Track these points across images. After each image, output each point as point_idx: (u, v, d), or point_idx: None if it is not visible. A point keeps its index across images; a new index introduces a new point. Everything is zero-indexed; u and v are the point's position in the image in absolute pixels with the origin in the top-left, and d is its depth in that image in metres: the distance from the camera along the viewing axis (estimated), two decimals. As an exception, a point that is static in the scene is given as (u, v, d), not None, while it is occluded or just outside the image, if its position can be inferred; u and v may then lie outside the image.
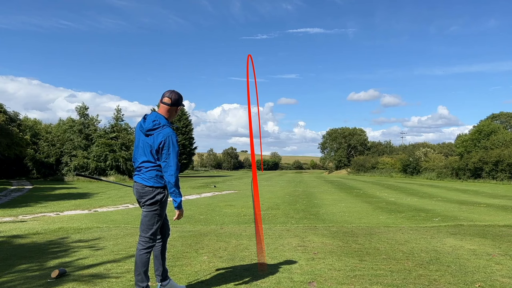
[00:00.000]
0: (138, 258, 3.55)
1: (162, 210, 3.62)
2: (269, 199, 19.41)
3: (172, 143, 3.48)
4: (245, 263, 4.92)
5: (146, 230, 3.56)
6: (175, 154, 3.48)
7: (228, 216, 12.54)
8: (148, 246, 3.57)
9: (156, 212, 3.57)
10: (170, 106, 3.65)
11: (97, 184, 35.40)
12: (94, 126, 43.04)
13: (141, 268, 3.54)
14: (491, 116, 68.04)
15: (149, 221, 3.56)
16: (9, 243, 6.89)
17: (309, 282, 4.08)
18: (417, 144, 71.55)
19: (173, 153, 3.48)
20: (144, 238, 3.56)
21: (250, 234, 7.28)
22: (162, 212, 3.61)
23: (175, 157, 3.48)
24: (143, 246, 3.55)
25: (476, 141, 50.02)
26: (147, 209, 3.56)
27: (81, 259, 5.24)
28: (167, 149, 3.47)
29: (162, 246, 3.82)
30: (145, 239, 3.56)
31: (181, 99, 3.72)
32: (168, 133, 3.50)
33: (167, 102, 3.64)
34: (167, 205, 3.69)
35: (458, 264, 4.85)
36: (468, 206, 16.19)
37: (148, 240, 3.56)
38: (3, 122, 33.44)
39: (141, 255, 3.54)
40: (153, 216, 3.56)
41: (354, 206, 16.24)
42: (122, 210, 15.31)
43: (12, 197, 21.50)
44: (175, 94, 3.69)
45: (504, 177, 40.70)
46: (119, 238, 7.02)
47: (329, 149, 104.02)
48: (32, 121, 48.26)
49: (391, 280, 4.17)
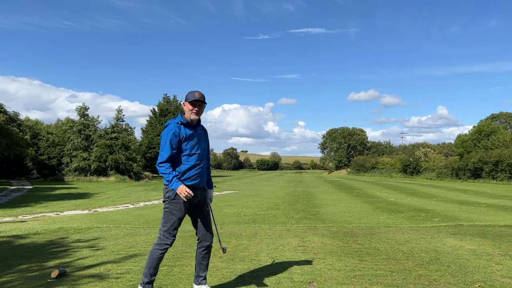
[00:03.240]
0: (150, 253, 3.60)
1: (173, 208, 3.57)
2: (269, 199, 19.42)
3: (161, 138, 3.60)
4: (245, 263, 4.92)
5: (161, 227, 3.64)
6: (161, 147, 3.58)
7: (228, 216, 12.53)
8: (160, 243, 3.57)
9: (167, 209, 3.59)
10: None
11: (97, 184, 35.41)
12: (94, 127, 43.03)
13: (149, 263, 3.57)
14: (491, 116, 67.98)
15: (163, 218, 3.62)
16: (9, 243, 6.89)
17: (309, 282, 4.08)
18: (417, 144, 71.57)
19: (161, 146, 3.60)
20: (160, 234, 3.62)
21: (250, 234, 7.28)
22: (173, 210, 3.56)
23: (161, 149, 3.57)
24: (157, 241, 3.61)
25: (476, 141, 49.99)
26: (163, 205, 3.67)
27: (81, 259, 5.24)
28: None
29: (199, 251, 3.77)
30: (160, 235, 3.61)
31: (187, 95, 3.68)
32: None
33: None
34: (188, 206, 3.60)
35: (458, 264, 4.85)
36: (468, 206, 16.19)
37: (161, 237, 3.59)
38: (3, 122, 33.45)
39: (152, 250, 3.60)
40: (165, 212, 3.60)
41: (354, 206, 16.24)
42: (122, 210, 15.31)
43: (12, 197, 21.50)
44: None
45: (504, 177, 40.69)
46: (119, 238, 7.02)
47: (329, 149, 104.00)
48: (33, 122, 48.25)
49: (391, 280, 4.17)
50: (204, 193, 3.76)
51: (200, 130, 3.75)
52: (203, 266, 3.79)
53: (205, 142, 3.80)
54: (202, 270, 3.78)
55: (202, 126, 3.83)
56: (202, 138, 3.74)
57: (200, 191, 3.70)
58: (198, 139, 3.67)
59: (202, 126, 3.82)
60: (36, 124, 47.89)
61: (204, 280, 3.78)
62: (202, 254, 3.77)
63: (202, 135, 3.74)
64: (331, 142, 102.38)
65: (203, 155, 3.71)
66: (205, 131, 3.86)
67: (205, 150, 3.78)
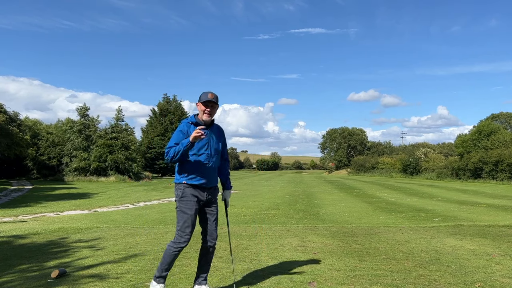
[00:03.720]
0: (166, 248, 3.66)
1: (184, 206, 3.60)
2: (269, 199, 19.42)
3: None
4: (245, 263, 4.92)
5: (176, 226, 3.68)
6: (170, 141, 3.65)
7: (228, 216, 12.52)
8: (175, 242, 3.60)
9: (178, 208, 3.63)
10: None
11: (97, 184, 35.42)
12: (94, 127, 43.03)
13: (163, 258, 3.63)
14: (491, 116, 68.00)
15: (177, 218, 3.66)
16: (9, 243, 6.89)
17: (309, 282, 4.08)
18: (417, 144, 71.53)
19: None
20: (176, 233, 3.67)
21: (250, 234, 7.28)
22: (183, 208, 3.60)
23: (168, 144, 3.63)
24: (173, 239, 3.65)
25: (476, 141, 50.00)
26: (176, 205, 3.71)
27: (81, 259, 5.24)
28: None
29: (202, 252, 3.78)
30: (175, 234, 3.66)
31: (201, 96, 3.70)
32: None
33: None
34: (199, 204, 3.63)
35: (458, 264, 4.85)
36: (468, 206, 16.19)
37: (176, 236, 3.62)
38: (3, 122, 33.44)
39: (168, 246, 3.64)
40: (177, 212, 3.65)
41: (354, 206, 16.24)
42: (122, 210, 15.31)
43: (12, 197, 21.50)
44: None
45: (504, 177, 40.69)
46: (119, 238, 7.02)
47: (329, 149, 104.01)
48: (32, 121, 48.24)
49: (391, 280, 4.17)
50: (214, 193, 3.77)
51: (214, 131, 3.76)
52: (205, 267, 3.79)
53: (220, 142, 3.80)
54: (203, 271, 3.79)
55: (218, 126, 3.84)
56: (215, 138, 3.75)
57: (209, 191, 3.70)
58: (210, 139, 3.68)
59: (218, 126, 3.84)
60: (35, 123, 47.88)
61: (205, 281, 3.79)
62: (205, 255, 3.77)
63: (215, 136, 3.75)
64: (331, 142, 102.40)
65: (215, 155, 3.71)
66: (221, 131, 3.87)
67: (218, 150, 3.77)
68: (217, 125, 3.83)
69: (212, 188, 3.75)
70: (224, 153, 3.88)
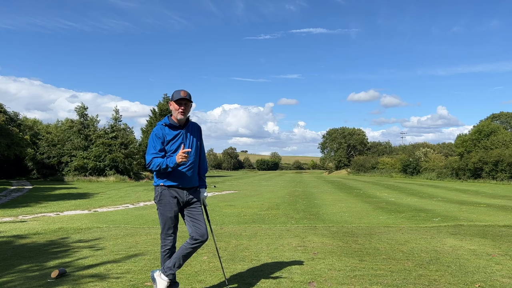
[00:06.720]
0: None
1: (162, 209, 3.58)
2: (269, 199, 19.41)
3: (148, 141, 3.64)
4: (245, 263, 4.92)
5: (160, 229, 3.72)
6: (147, 150, 3.60)
7: (228, 216, 12.53)
8: (162, 245, 3.68)
9: (158, 211, 3.62)
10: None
11: (97, 184, 35.41)
12: (93, 127, 43.03)
13: (161, 262, 3.72)
14: (491, 116, 68.04)
15: (159, 220, 3.69)
16: (9, 243, 6.89)
17: (309, 282, 4.08)
18: (417, 144, 71.47)
19: (147, 149, 3.63)
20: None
21: (250, 234, 7.28)
22: (162, 210, 3.58)
23: (147, 153, 3.57)
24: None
25: (476, 141, 50.02)
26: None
27: (81, 259, 5.24)
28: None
29: (186, 245, 3.58)
30: (160, 237, 3.73)
31: (173, 94, 3.62)
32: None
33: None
34: (178, 206, 3.58)
35: (458, 264, 4.85)
36: (468, 206, 16.19)
37: (161, 239, 3.68)
38: (3, 122, 33.44)
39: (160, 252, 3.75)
40: (158, 215, 3.65)
41: (354, 206, 16.23)
42: (122, 210, 15.31)
43: (12, 197, 21.49)
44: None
45: (504, 177, 40.69)
46: (119, 238, 7.02)
47: (329, 149, 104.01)
48: (32, 121, 48.24)
49: (391, 280, 4.17)
50: (195, 193, 3.68)
51: (190, 129, 3.65)
52: (178, 261, 3.57)
53: (198, 141, 3.71)
54: (176, 266, 3.58)
55: (194, 123, 3.73)
56: (192, 138, 3.65)
57: (189, 191, 3.62)
58: (185, 139, 3.59)
59: (193, 124, 3.72)
60: (34, 123, 47.88)
61: (172, 276, 3.62)
62: (186, 249, 3.56)
63: (191, 134, 3.65)
64: (331, 142, 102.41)
65: (192, 155, 3.61)
66: (198, 128, 3.75)
67: (196, 149, 3.68)
68: (193, 122, 3.73)
69: (193, 188, 3.67)
70: (201, 151, 3.80)
